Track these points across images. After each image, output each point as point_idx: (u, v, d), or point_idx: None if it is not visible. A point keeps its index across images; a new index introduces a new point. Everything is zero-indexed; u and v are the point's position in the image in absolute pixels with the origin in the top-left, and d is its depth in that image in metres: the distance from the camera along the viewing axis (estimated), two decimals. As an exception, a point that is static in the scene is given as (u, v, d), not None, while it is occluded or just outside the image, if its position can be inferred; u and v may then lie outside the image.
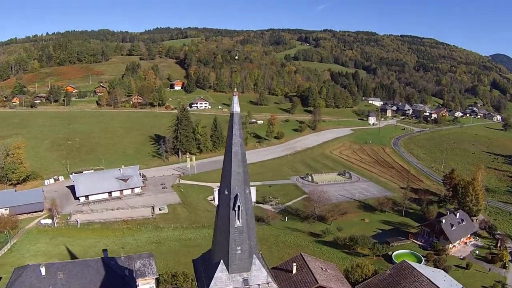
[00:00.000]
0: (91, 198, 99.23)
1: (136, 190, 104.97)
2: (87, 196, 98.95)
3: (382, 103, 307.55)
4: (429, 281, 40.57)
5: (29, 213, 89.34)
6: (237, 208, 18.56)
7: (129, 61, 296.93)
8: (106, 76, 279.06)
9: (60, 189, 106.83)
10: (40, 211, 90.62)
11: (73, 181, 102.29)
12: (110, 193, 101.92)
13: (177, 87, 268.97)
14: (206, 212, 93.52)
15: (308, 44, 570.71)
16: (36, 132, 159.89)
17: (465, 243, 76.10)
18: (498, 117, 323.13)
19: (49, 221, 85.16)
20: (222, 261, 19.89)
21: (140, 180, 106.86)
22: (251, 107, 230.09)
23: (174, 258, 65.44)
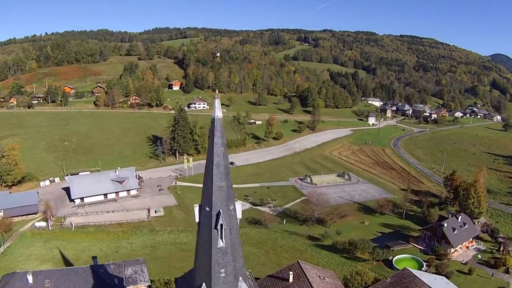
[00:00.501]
0: (86, 200, 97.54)
1: (132, 192, 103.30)
2: (82, 198, 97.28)
3: (381, 103, 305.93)
4: (432, 289, 39.05)
5: (24, 215, 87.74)
6: (220, 227, 16.49)
7: (127, 61, 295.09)
8: (104, 77, 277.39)
9: (56, 191, 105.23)
10: (35, 213, 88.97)
11: (68, 183, 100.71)
12: (105, 195, 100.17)
13: (176, 88, 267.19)
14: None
15: (307, 44, 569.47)
16: (33, 133, 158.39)
17: (467, 247, 74.44)
18: (498, 117, 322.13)
19: (44, 223, 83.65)
20: (204, 284, 17.90)
21: (136, 182, 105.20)
22: (250, 108, 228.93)
23: (169, 263, 63.89)
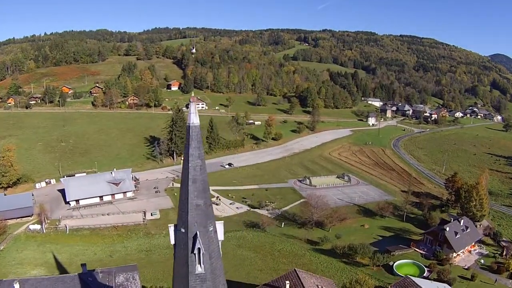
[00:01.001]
0: (81, 203, 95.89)
1: (128, 194, 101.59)
2: (77, 201, 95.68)
3: (381, 103, 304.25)
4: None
5: (18, 218, 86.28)
6: (197, 251, 14.59)
7: (125, 61, 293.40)
8: (102, 77, 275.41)
9: (51, 193, 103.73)
10: (30, 216, 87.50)
11: (63, 184, 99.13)
12: (101, 197, 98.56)
13: (174, 88, 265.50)
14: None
15: (307, 44, 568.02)
16: (30, 134, 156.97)
17: (470, 252, 72.80)
18: (499, 117, 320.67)
19: (38, 226, 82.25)
20: None
21: (132, 184, 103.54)
22: (249, 108, 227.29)
23: (164, 268, 62.20)
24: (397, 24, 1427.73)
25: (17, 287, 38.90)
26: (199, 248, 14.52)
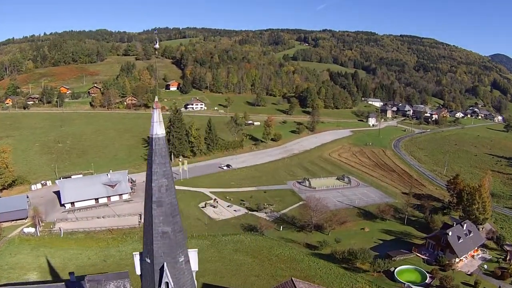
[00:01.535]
0: (77, 205, 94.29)
1: (124, 197, 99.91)
2: (72, 203, 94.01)
3: (382, 103, 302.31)
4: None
5: (13, 220, 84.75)
6: (165, 286, 12.36)
7: (124, 61, 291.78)
8: (101, 77, 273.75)
9: (47, 195, 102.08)
10: (24, 218, 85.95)
11: (59, 186, 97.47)
12: (97, 199, 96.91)
13: (173, 88, 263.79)
14: (196, 221, 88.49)
15: (307, 44, 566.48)
16: (27, 134, 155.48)
17: (472, 256, 70.98)
18: (499, 117, 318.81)
19: (32, 229, 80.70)
20: None
21: (128, 186, 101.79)
22: (248, 108, 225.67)
23: (159, 273, 60.63)
24: (397, 24, 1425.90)
25: (2, 296, 37.45)
26: (167, 283, 12.34)
